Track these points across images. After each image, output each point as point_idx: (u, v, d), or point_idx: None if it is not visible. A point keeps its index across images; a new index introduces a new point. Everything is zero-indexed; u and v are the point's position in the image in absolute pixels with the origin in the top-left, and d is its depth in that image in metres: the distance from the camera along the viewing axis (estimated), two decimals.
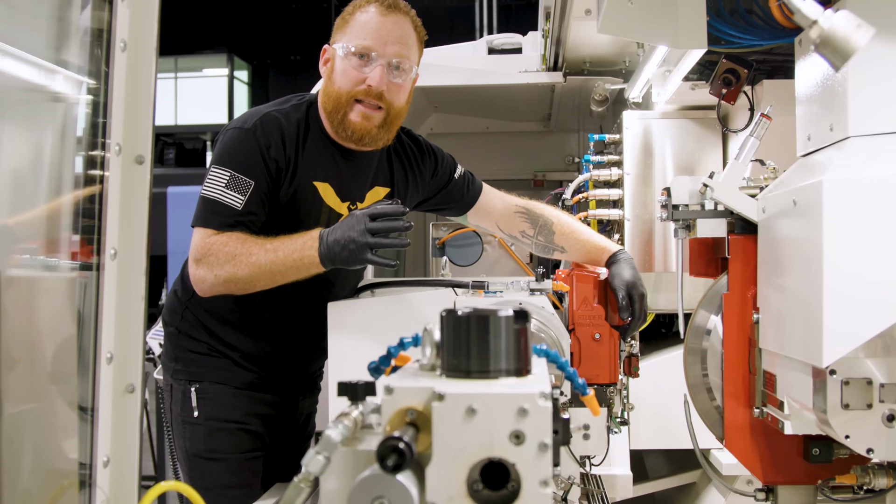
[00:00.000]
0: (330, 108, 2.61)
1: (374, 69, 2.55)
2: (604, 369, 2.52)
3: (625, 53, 4.04)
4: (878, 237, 1.80)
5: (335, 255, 2.37)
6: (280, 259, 2.42)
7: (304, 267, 2.42)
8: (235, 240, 2.47)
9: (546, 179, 5.53)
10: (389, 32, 2.57)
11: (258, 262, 2.42)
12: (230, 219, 2.49)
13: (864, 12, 1.73)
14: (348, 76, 2.57)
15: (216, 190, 2.51)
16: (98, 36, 1.75)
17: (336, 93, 2.59)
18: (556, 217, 3.04)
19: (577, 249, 2.96)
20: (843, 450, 2.11)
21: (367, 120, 2.59)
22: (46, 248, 1.85)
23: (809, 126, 2.17)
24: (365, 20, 2.58)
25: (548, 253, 3.06)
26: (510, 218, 3.07)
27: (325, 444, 1.34)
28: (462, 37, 5.61)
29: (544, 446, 1.27)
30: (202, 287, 2.52)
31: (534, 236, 3.04)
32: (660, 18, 2.28)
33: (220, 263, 2.45)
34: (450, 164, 3.02)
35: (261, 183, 2.53)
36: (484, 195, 3.08)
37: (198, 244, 2.50)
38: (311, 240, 2.41)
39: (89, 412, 1.75)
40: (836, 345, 1.82)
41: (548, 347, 1.61)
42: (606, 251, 2.85)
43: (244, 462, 2.70)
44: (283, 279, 2.47)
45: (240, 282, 2.47)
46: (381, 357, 1.65)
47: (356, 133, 2.59)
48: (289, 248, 2.42)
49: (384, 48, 2.56)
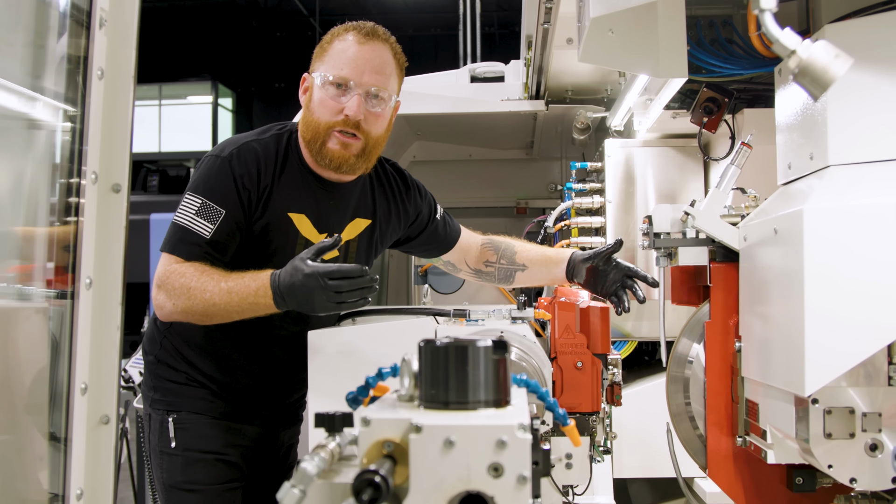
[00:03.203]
0: (308, 138, 2.59)
1: (351, 99, 2.53)
2: (586, 398, 2.50)
3: (606, 82, 4.06)
4: (859, 266, 1.80)
5: (295, 305, 2.35)
6: (235, 301, 2.40)
7: (261, 310, 2.41)
8: (192, 272, 2.44)
9: (529, 207, 5.53)
10: (367, 61, 2.55)
11: (212, 301, 2.41)
12: (196, 248, 2.47)
13: (842, 43, 1.74)
14: (326, 106, 2.55)
15: (186, 217, 2.49)
16: (76, 63, 1.74)
17: (315, 122, 2.57)
18: (517, 242, 3.14)
19: (538, 262, 3.04)
20: (827, 479, 2.10)
21: (345, 148, 2.57)
22: (21, 276, 1.83)
23: (790, 155, 2.18)
24: (342, 48, 2.56)
25: (508, 278, 3.11)
26: (478, 251, 3.13)
27: (301, 476, 1.32)
28: (446, 65, 5.64)
29: (523, 479, 1.25)
30: (161, 313, 2.51)
31: (496, 261, 3.09)
32: (640, 47, 2.29)
33: (177, 294, 2.44)
34: (432, 203, 3.03)
35: (232, 212, 2.51)
36: (462, 236, 3.12)
37: (160, 270, 2.49)
38: (263, 287, 2.37)
39: (62, 443, 1.72)
40: (819, 374, 1.81)
41: (529, 376, 1.59)
42: (563, 253, 2.99)
43: (222, 493, 2.65)
44: (240, 317, 2.45)
45: (195, 315, 2.46)
46: (360, 387, 1.63)
47: (334, 161, 2.58)
48: (242, 291, 2.39)
49: (361, 77, 2.54)
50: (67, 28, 1.78)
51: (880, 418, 1.87)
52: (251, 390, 2.73)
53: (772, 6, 1.66)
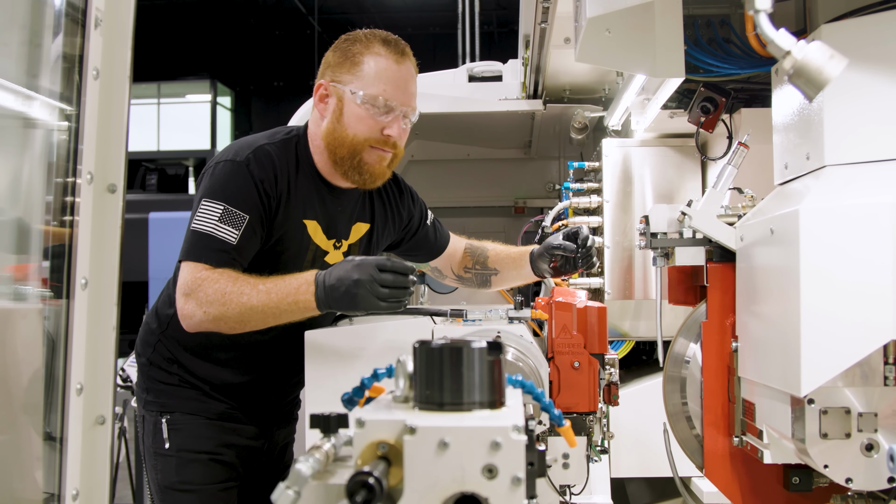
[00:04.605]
0: (344, 153, 2.56)
1: (394, 120, 2.56)
2: (583, 398, 2.49)
3: (604, 81, 4.05)
4: (855, 266, 1.80)
5: (334, 300, 2.30)
6: (273, 302, 2.34)
7: (298, 311, 2.36)
8: (227, 278, 2.38)
9: (527, 206, 5.53)
10: (407, 84, 2.58)
11: (250, 304, 2.34)
12: (224, 254, 2.42)
13: (838, 43, 1.73)
14: (365, 124, 2.54)
15: (210, 224, 2.42)
16: (71, 63, 1.74)
17: (351, 139, 2.55)
18: (489, 245, 3.18)
19: (506, 264, 3.09)
20: (823, 479, 2.09)
21: (381, 161, 2.60)
22: (16, 275, 1.83)
23: (786, 154, 2.18)
24: (380, 67, 2.54)
25: (485, 283, 3.17)
26: (461, 257, 3.18)
27: (295, 478, 1.31)
28: (445, 64, 5.63)
29: (517, 480, 1.25)
30: (190, 323, 2.43)
31: (472, 266, 3.14)
32: (638, 47, 2.28)
33: (210, 302, 2.36)
34: (423, 209, 3.05)
35: (255, 217, 2.47)
36: (450, 241, 3.16)
37: (188, 279, 2.41)
38: (306, 283, 2.33)
39: (58, 444, 1.72)
40: (815, 374, 1.81)
41: (525, 377, 1.59)
42: (524, 251, 3.05)
43: (217, 493, 2.65)
44: (275, 321, 2.39)
45: (230, 321, 2.38)
46: (355, 388, 1.63)
47: (373, 175, 2.59)
48: (283, 290, 2.34)
49: (403, 100, 2.56)
50: (63, 27, 1.77)
51: (876, 418, 1.87)
52: (246, 391, 2.73)
53: (766, 7, 1.66)
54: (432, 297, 4.95)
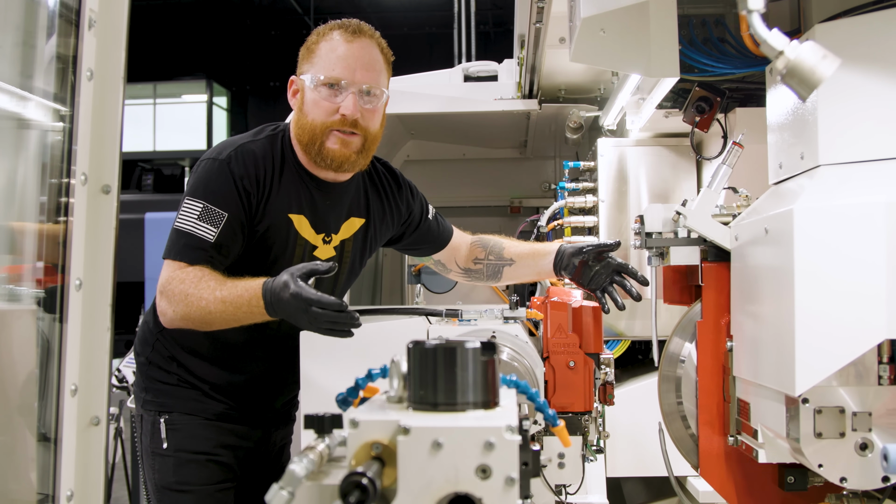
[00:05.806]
0: (306, 140, 2.58)
1: (346, 98, 2.53)
2: (578, 397, 2.50)
3: (599, 81, 4.06)
4: (849, 265, 1.80)
5: (284, 316, 2.32)
6: (230, 311, 2.37)
7: (255, 317, 2.38)
8: (191, 279, 2.41)
9: (522, 206, 5.54)
10: (357, 59, 2.55)
11: (208, 309, 2.38)
12: (201, 252, 2.45)
13: (832, 42, 1.74)
14: (320, 107, 2.55)
15: (188, 222, 2.46)
16: (65, 64, 1.74)
17: (310, 125, 2.56)
18: (506, 239, 3.15)
19: (525, 255, 3.04)
20: (818, 478, 2.10)
21: (345, 146, 2.57)
22: (10, 276, 1.83)
23: (781, 154, 2.18)
24: (330, 48, 2.56)
25: (496, 274, 3.12)
26: (468, 250, 3.14)
27: (289, 478, 1.32)
28: (441, 64, 5.64)
29: (511, 480, 1.25)
30: (164, 319, 2.49)
31: (485, 257, 3.10)
32: (632, 47, 2.28)
33: (177, 301, 2.41)
34: (424, 203, 3.04)
35: (235, 214, 2.49)
36: (454, 235, 3.14)
37: (163, 277, 2.47)
38: (255, 297, 2.32)
39: (53, 444, 1.71)
40: (809, 373, 1.81)
41: (520, 376, 1.59)
42: (550, 245, 3.00)
43: (214, 494, 2.65)
44: (237, 324, 2.42)
45: (195, 321, 2.43)
46: (349, 388, 1.63)
47: (335, 160, 2.57)
48: (236, 301, 2.35)
49: (353, 76, 2.54)
50: (57, 28, 1.77)
51: (870, 418, 1.87)
52: (244, 391, 2.73)
53: (759, 7, 1.66)
54: (428, 296, 4.96)
